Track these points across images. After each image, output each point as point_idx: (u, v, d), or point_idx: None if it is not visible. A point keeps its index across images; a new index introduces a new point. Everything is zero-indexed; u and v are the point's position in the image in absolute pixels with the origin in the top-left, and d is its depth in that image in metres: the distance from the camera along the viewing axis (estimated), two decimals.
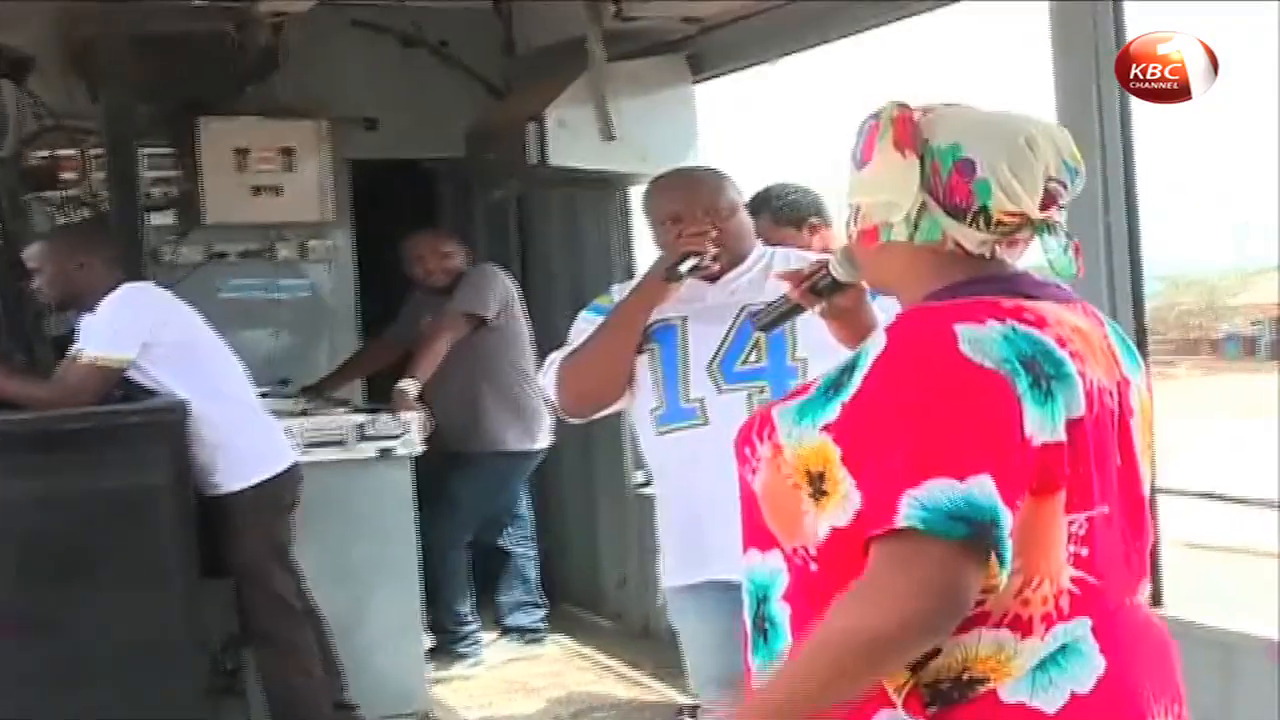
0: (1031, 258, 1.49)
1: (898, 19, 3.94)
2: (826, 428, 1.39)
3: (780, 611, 1.46)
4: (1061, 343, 1.39)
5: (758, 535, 1.51)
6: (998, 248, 1.47)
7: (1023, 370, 1.34)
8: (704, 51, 4.77)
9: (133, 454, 3.61)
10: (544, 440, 5.14)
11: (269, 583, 3.87)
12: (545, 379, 2.74)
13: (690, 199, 2.71)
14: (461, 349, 4.86)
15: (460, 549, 5.07)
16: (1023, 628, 1.36)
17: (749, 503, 1.52)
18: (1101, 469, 1.40)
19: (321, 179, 5.30)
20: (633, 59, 4.79)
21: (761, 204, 3.59)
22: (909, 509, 1.28)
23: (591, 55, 4.62)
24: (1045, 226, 1.45)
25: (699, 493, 2.57)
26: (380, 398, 4.90)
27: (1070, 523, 1.38)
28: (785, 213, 3.69)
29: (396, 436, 4.39)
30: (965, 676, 1.36)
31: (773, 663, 1.46)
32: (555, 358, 2.73)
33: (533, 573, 5.32)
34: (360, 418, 4.41)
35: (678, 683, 4.69)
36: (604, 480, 5.60)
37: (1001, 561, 1.30)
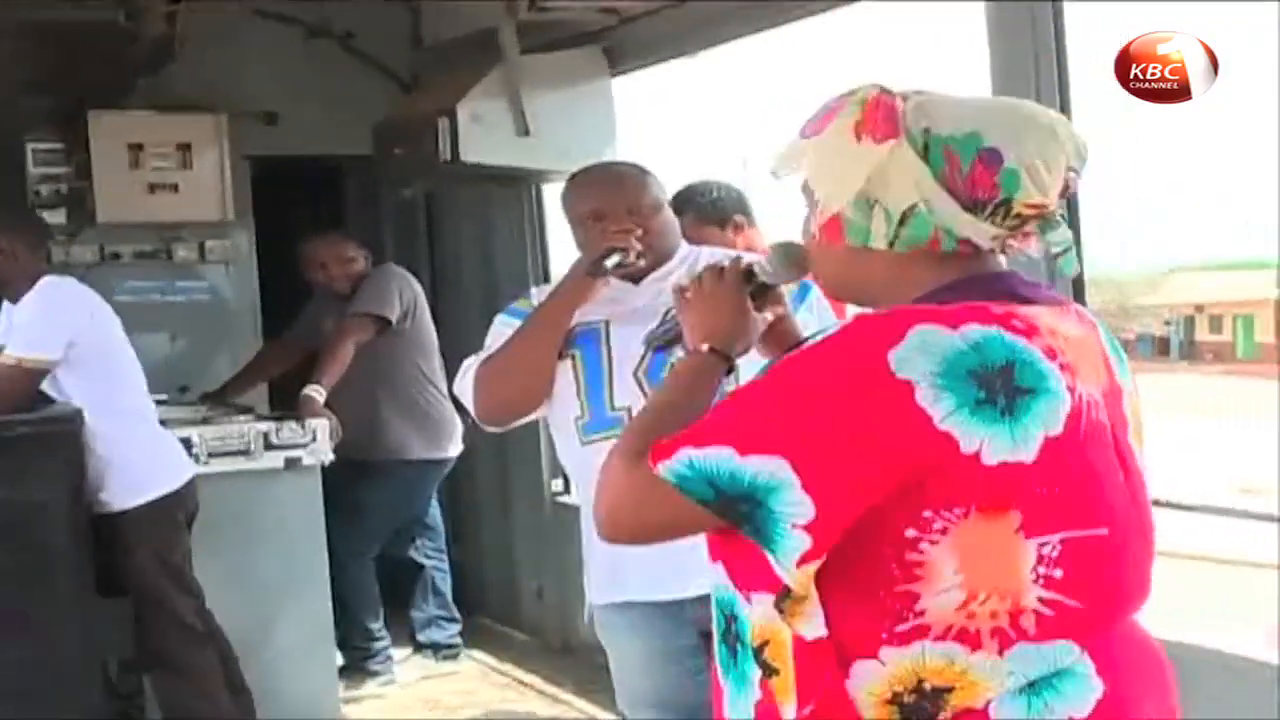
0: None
1: (824, 10, 3.89)
2: None
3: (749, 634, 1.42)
4: (1051, 354, 1.34)
5: (712, 542, 1.48)
6: (1009, 243, 1.42)
7: (970, 386, 1.29)
8: (622, 44, 4.68)
9: (23, 465, 3.45)
10: (453, 448, 5.04)
11: (165, 603, 3.72)
12: (461, 386, 2.63)
13: (613, 195, 2.61)
14: (362, 353, 4.75)
15: (366, 561, 4.95)
16: (970, 641, 1.33)
17: None
18: (1091, 488, 1.36)
19: (220, 176, 5.16)
20: (548, 51, 4.70)
21: (684, 202, 3.51)
22: (677, 463, 1.36)
23: (505, 47, 4.52)
24: (1052, 220, 1.41)
25: None
26: (285, 404, 4.78)
27: (1042, 544, 1.33)
28: (709, 211, 3.64)
29: (303, 445, 4.27)
30: (926, 686, 1.33)
31: (745, 684, 1.42)
32: (472, 363, 2.62)
33: (446, 586, 5.21)
34: (265, 425, 4.28)
35: (600, 699, 4.62)
36: (520, 488, 5.51)
37: (769, 544, 1.32)
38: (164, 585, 3.71)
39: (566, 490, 5.32)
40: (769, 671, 1.39)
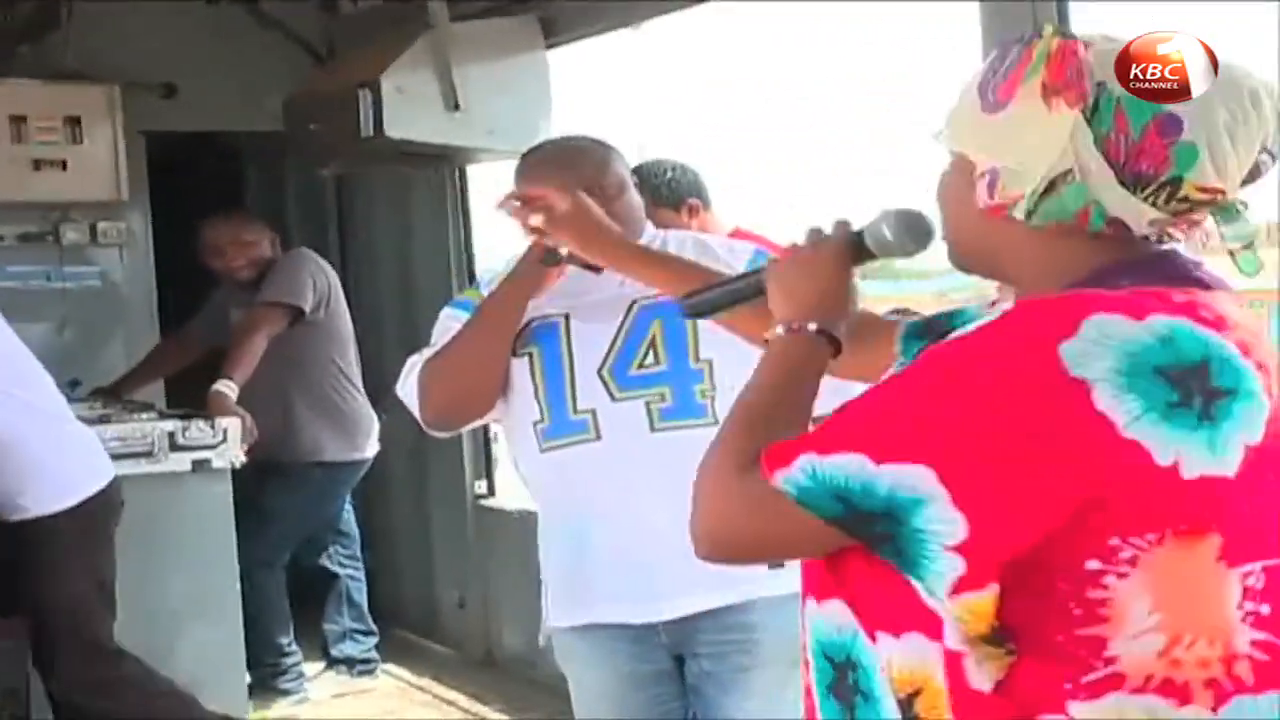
0: None
1: None
2: None
3: (885, 684, 1.23)
4: (1245, 350, 1.17)
5: (814, 579, 1.32)
6: (1168, 231, 1.24)
7: (1162, 386, 1.13)
8: (558, 13, 4.52)
9: None
10: (369, 448, 4.89)
11: (88, 624, 3.49)
12: (406, 387, 2.45)
13: (572, 174, 2.41)
14: (273, 345, 4.56)
15: (275, 571, 4.78)
16: (1177, 694, 1.16)
17: None
18: None
19: (113, 152, 4.94)
20: (479, 19, 4.52)
21: (636, 183, 3.38)
22: (797, 472, 1.20)
23: (433, 14, 4.34)
24: (1230, 208, 1.23)
25: (588, 520, 2.37)
26: (184, 402, 4.59)
27: (1245, 574, 1.17)
28: (662, 193, 3.54)
29: (213, 445, 4.07)
30: None
31: None
32: (416, 361, 2.45)
33: (361, 596, 5.05)
34: (171, 425, 4.07)
35: (528, 717, 4.51)
36: (439, 491, 5.35)
37: (914, 574, 1.16)
38: (90, 604, 3.49)
39: (490, 493, 5.20)
40: None
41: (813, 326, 1.40)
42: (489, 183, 5.11)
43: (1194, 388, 1.13)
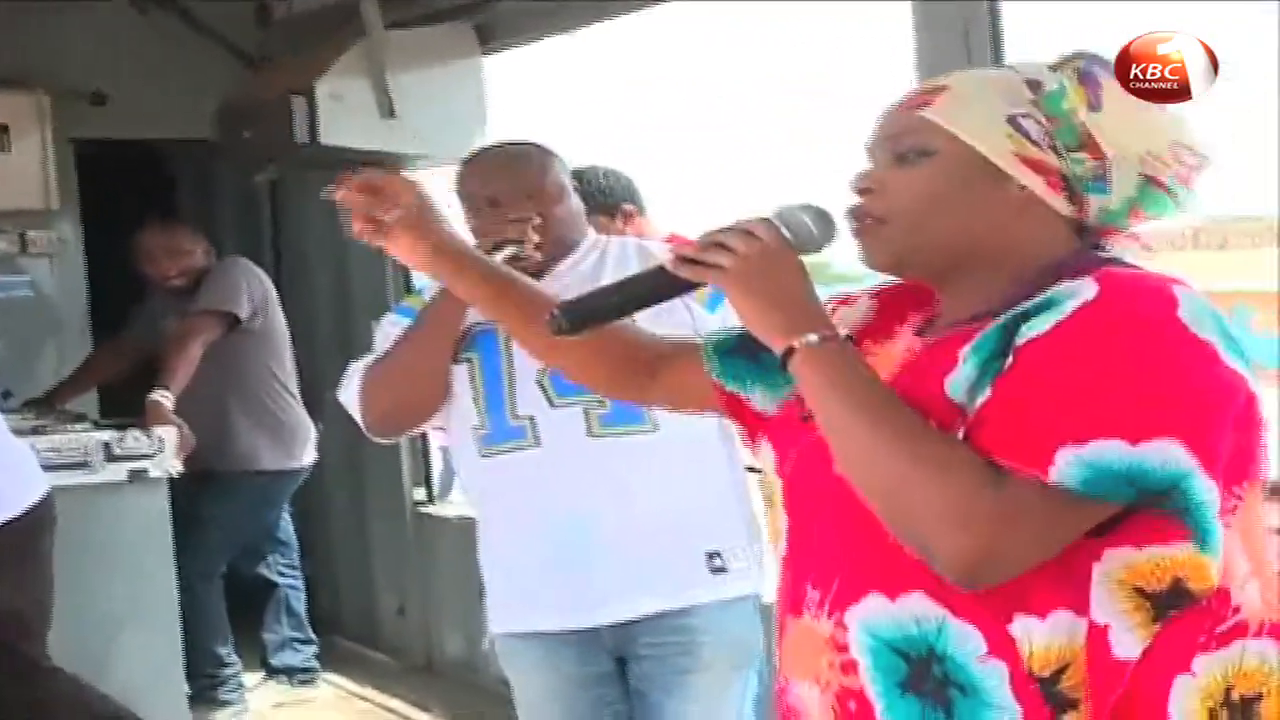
0: None
1: None
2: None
3: (991, 670, 1.24)
4: None
5: (881, 573, 1.29)
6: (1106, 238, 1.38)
7: (1237, 345, 1.23)
8: (495, 20, 4.56)
9: None
10: (307, 457, 4.88)
11: (21, 643, 3.47)
12: (347, 393, 2.47)
13: (510, 179, 2.47)
14: (209, 354, 4.55)
15: (213, 581, 4.74)
16: (1276, 634, 1.25)
17: (863, 530, 1.29)
18: None
19: (42, 161, 4.94)
20: (414, 27, 4.54)
21: None
22: (1068, 466, 1.17)
23: (368, 21, 4.36)
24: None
25: (526, 526, 2.41)
26: (118, 411, 4.57)
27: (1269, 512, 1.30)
28: (597, 199, 3.55)
29: (149, 455, 4.08)
30: (1234, 696, 1.24)
31: None
32: (358, 367, 2.47)
33: (300, 605, 5.04)
34: (106, 435, 4.07)
35: None
36: (377, 498, 5.36)
37: (1202, 540, 1.20)
38: (28, 622, 3.47)
39: (430, 500, 5.22)
40: (1064, 706, 1.23)
41: (844, 332, 1.36)
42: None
43: (1243, 348, 1.24)
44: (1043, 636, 1.23)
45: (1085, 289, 1.23)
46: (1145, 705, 1.23)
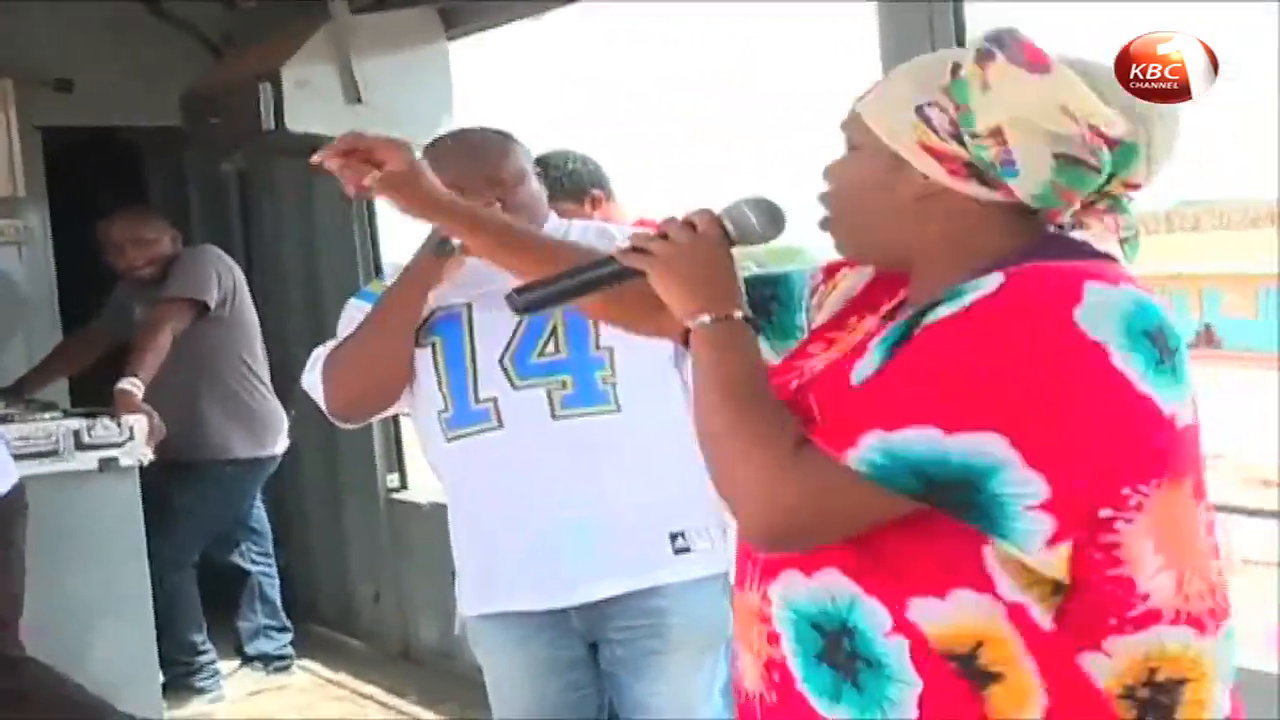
0: None
1: None
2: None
3: (895, 646, 1.28)
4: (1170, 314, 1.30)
5: (802, 554, 1.34)
6: (1082, 220, 1.35)
7: (1146, 346, 1.24)
8: (458, 5, 4.55)
9: None
10: (279, 445, 4.88)
11: None
12: (311, 379, 2.50)
13: (470, 165, 2.46)
14: (179, 342, 4.54)
15: (186, 570, 4.75)
16: (1197, 624, 1.28)
17: None
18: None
19: (8, 149, 4.84)
20: (378, 11, 4.55)
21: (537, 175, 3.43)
22: (868, 450, 1.22)
23: (333, 6, 4.36)
24: (1123, 202, 1.36)
25: (492, 508, 2.43)
26: (88, 400, 4.56)
27: (1205, 509, 1.31)
28: (564, 184, 3.55)
29: (119, 444, 4.06)
30: (1159, 677, 1.27)
31: (877, 707, 1.29)
32: (321, 353, 2.50)
33: (274, 592, 5.04)
34: (76, 423, 4.06)
35: (446, 709, 4.56)
36: (351, 485, 5.36)
37: (998, 534, 1.23)
38: (0, 609, 3.47)
39: (403, 486, 5.23)
40: (985, 679, 1.26)
41: (739, 314, 1.40)
42: None
43: (1164, 346, 1.25)
44: (946, 615, 1.26)
45: (991, 282, 1.25)
46: (1058, 679, 1.26)
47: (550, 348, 2.39)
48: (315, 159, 1.79)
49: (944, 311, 1.25)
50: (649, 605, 2.40)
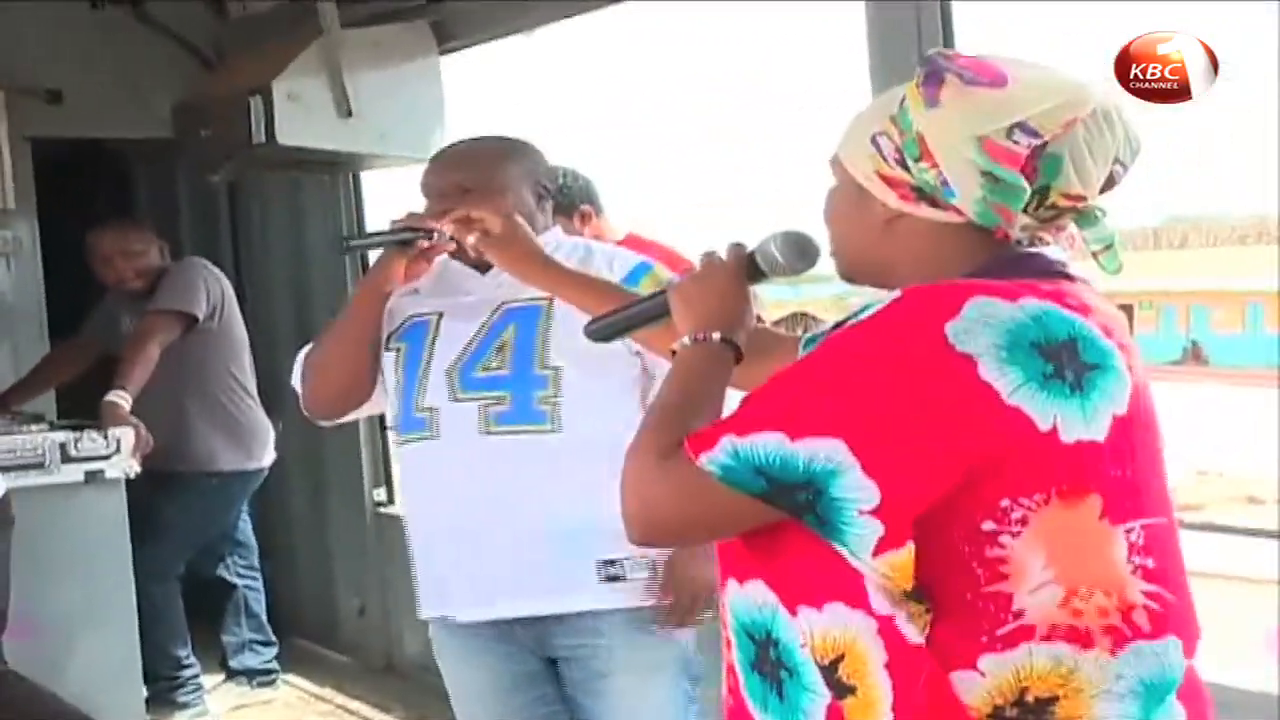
0: None
1: None
2: None
3: (806, 658, 1.32)
4: (1107, 332, 1.32)
5: (734, 562, 1.40)
6: (1039, 235, 1.38)
7: (1037, 360, 1.26)
8: (451, 19, 4.56)
9: None
10: (265, 457, 4.87)
11: None
12: (294, 377, 2.56)
13: (446, 173, 2.46)
14: (166, 355, 4.53)
15: (170, 583, 4.73)
16: (1080, 639, 1.29)
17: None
18: (1153, 473, 1.34)
19: None
20: (370, 25, 4.54)
21: None
22: (720, 453, 1.30)
23: (324, 19, 4.37)
24: (1091, 215, 1.38)
25: (431, 516, 2.44)
26: (75, 412, 4.53)
27: (1127, 531, 1.31)
28: (555, 199, 3.55)
29: (106, 456, 4.05)
30: (1029, 697, 1.28)
31: (799, 713, 1.33)
32: (302, 353, 2.55)
33: (260, 606, 5.03)
34: (62, 435, 4.04)
35: None
36: (337, 498, 5.36)
37: (837, 540, 1.26)
38: None
39: (390, 500, 5.22)
40: (843, 691, 1.30)
41: (716, 336, 1.49)
42: (383, 188, 5.15)
43: (1065, 361, 1.27)
44: (821, 626, 1.30)
45: (890, 298, 1.32)
46: (932, 698, 1.28)
47: (495, 363, 2.37)
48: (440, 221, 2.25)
49: (849, 324, 1.33)
50: (584, 626, 2.38)
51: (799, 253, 1.58)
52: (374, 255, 2.56)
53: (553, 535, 2.32)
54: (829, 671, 1.30)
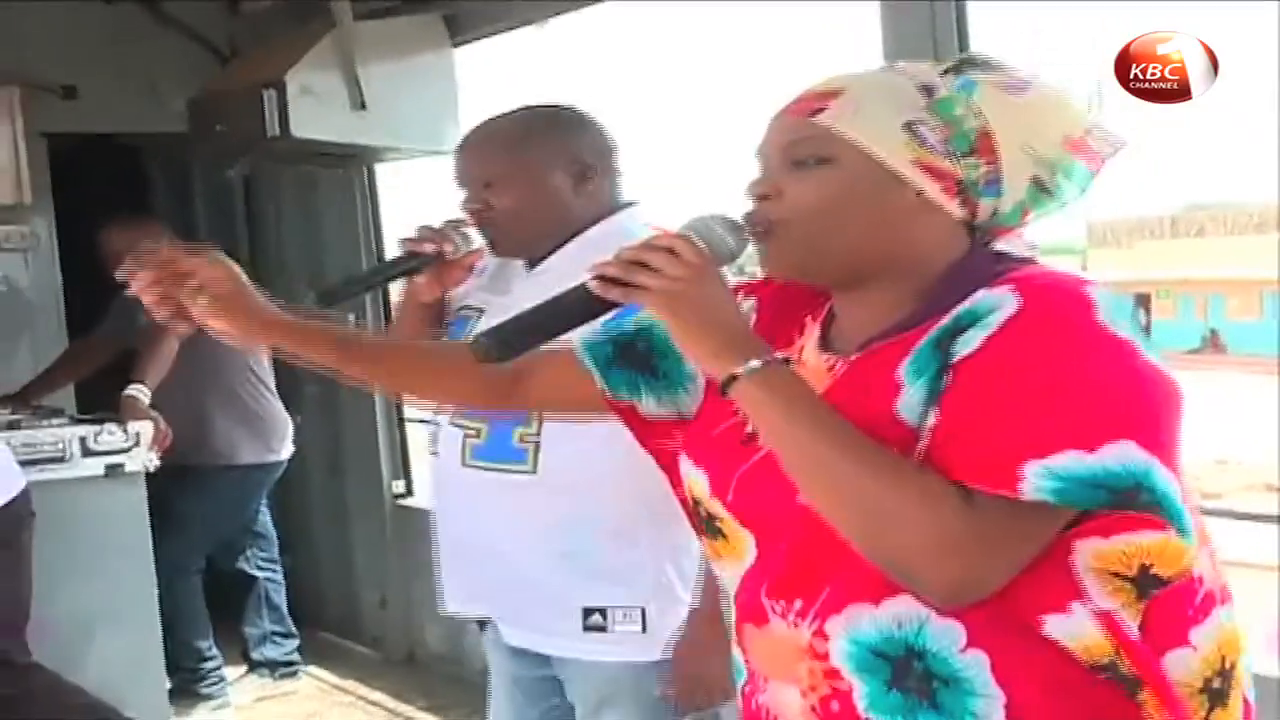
0: None
1: None
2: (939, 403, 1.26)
3: (970, 661, 1.27)
4: None
5: (864, 584, 1.29)
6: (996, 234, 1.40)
7: (1142, 334, 1.25)
8: (463, 11, 4.56)
9: None
10: (284, 450, 4.89)
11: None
12: None
13: (469, 164, 2.23)
14: (185, 349, 4.53)
15: (191, 575, 4.76)
16: (1229, 599, 1.31)
17: (841, 544, 1.28)
18: None
19: (14, 156, 4.88)
20: (383, 18, 4.55)
21: None
22: (1037, 479, 1.18)
23: (337, 13, 4.37)
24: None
25: (439, 520, 2.37)
26: (94, 406, 4.54)
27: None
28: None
29: (126, 450, 4.06)
30: (1227, 664, 1.29)
31: None
32: None
33: (281, 598, 5.05)
34: (83, 429, 4.05)
35: (453, 715, 4.55)
36: (358, 490, 5.37)
37: (1178, 527, 1.21)
38: (7, 615, 3.45)
39: (409, 492, 5.23)
40: (1135, 687, 1.27)
41: (780, 355, 1.34)
42: (398, 181, 5.16)
43: (1141, 329, 1.26)
44: (1077, 629, 1.26)
45: (1007, 301, 1.25)
46: (1152, 683, 1.27)
47: None
48: (120, 275, 1.62)
49: (977, 339, 1.25)
50: (563, 661, 2.28)
51: (738, 236, 1.41)
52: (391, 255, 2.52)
53: (530, 579, 2.21)
54: (1110, 669, 1.26)
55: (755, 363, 1.29)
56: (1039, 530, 1.23)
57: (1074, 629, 1.26)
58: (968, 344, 1.25)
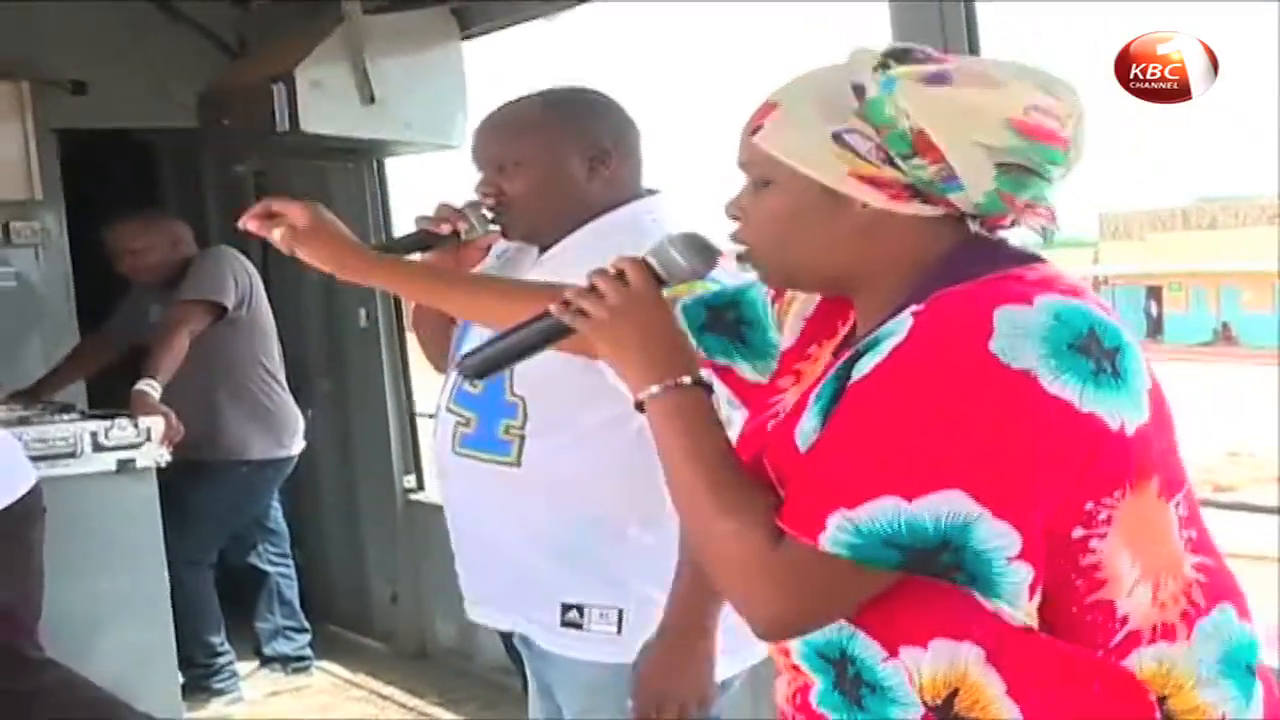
0: None
1: None
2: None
3: (892, 672, 1.28)
4: (1105, 310, 1.26)
5: None
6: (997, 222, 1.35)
7: (1080, 360, 1.19)
8: (472, 5, 4.54)
9: None
10: (295, 445, 4.89)
11: (11, 636, 3.44)
12: None
13: (484, 148, 2.20)
14: (196, 344, 4.55)
15: (203, 570, 4.76)
16: (1169, 634, 1.26)
17: None
18: (1174, 439, 1.31)
19: (25, 151, 4.91)
20: (392, 12, 4.54)
21: None
22: (838, 531, 1.19)
23: (346, 7, 4.37)
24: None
25: (445, 507, 2.37)
26: (105, 402, 4.56)
27: (1175, 505, 1.28)
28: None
29: (137, 445, 4.05)
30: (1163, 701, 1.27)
31: None
32: None
33: (292, 593, 5.05)
34: (94, 425, 4.04)
35: (465, 709, 4.55)
36: (369, 485, 5.37)
37: (985, 590, 1.20)
38: (14, 614, 3.45)
39: (420, 487, 5.23)
40: None
41: (687, 380, 1.36)
42: (408, 175, 5.15)
43: (1097, 353, 1.20)
44: (929, 665, 1.26)
45: (902, 326, 1.23)
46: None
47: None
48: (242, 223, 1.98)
49: (867, 366, 1.23)
50: (551, 671, 2.28)
51: (700, 255, 1.44)
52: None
53: (514, 565, 2.21)
54: (944, 709, 1.25)
55: (656, 388, 1.35)
56: (846, 583, 1.22)
57: (925, 664, 1.26)
58: (860, 370, 1.23)
